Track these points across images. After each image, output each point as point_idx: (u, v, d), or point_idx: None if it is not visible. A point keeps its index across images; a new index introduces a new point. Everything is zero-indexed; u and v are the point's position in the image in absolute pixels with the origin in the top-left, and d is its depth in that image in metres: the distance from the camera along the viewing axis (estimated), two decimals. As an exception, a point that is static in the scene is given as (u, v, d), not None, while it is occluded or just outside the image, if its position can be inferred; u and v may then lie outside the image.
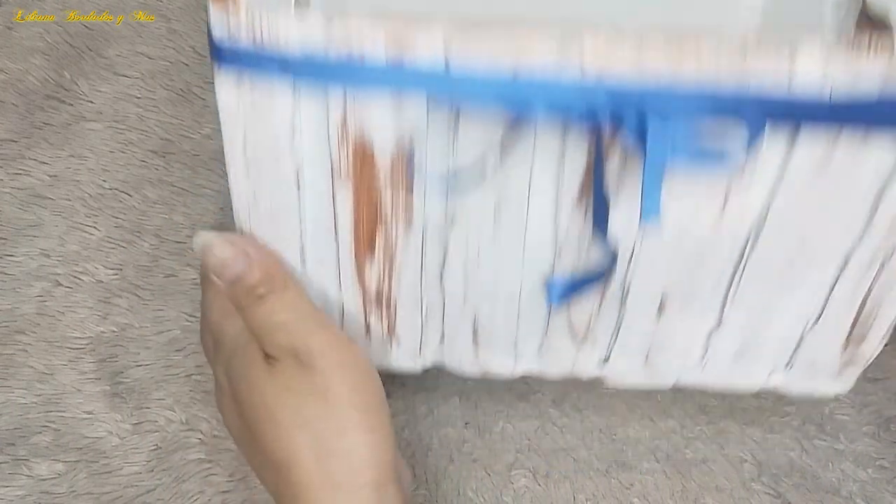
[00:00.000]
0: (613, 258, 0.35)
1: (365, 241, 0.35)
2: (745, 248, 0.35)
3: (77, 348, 0.47)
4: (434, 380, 0.46)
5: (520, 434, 0.46)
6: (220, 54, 0.30)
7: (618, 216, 0.33)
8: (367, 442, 0.32)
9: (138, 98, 0.47)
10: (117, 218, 0.47)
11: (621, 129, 0.30)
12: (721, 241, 0.34)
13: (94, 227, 0.47)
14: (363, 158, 0.32)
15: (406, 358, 0.40)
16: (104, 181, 0.47)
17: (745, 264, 0.35)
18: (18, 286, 0.47)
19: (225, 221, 0.47)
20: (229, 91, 0.31)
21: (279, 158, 0.33)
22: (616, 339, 0.38)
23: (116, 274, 0.47)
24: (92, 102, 0.47)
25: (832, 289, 0.36)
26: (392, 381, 0.46)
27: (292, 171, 0.33)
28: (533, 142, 0.32)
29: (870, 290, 0.36)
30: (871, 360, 0.38)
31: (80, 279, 0.47)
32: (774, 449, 0.45)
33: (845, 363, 0.38)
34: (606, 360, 0.39)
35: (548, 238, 0.35)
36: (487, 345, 0.39)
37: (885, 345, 0.44)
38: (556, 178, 0.33)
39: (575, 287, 0.36)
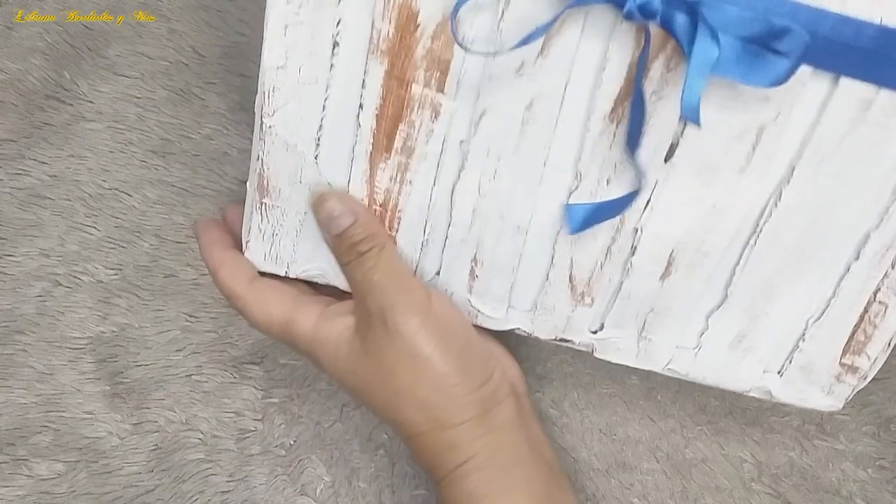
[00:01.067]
0: (641, 178, 0.34)
1: (385, 134, 0.35)
2: (766, 206, 0.34)
3: (77, 348, 0.47)
4: (434, 380, 0.46)
5: (520, 434, 0.46)
6: None
7: (647, 142, 0.33)
8: (461, 390, 0.35)
9: (138, 98, 0.47)
10: (117, 218, 0.47)
11: (672, 19, 0.30)
12: (743, 193, 0.34)
13: (94, 227, 0.47)
14: (405, 30, 0.32)
15: None
16: (104, 181, 0.47)
17: (762, 229, 0.35)
18: (18, 286, 0.47)
19: (225, 221, 0.47)
20: None
21: (320, 21, 0.33)
22: (615, 301, 0.37)
23: (116, 274, 0.47)
24: (92, 102, 0.47)
25: (841, 279, 0.35)
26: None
27: (329, 38, 0.33)
28: (581, 28, 0.31)
29: (877, 289, 0.35)
30: (861, 384, 0.38)
31: (80, 279, 0.47)
32: (774, 449, 0.45)
33: (840, 375, 0.38)
34: (601, 328, 0.38)
35: (571, 156, 0.34)
36: (483, 286, 0.38)
37: (885, 345, 0.44)
38: (594, 80, 0.32)
39: (596, 214, 0.35)
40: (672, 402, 0.46)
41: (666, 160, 0.34)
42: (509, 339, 0.41)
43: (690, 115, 0.30)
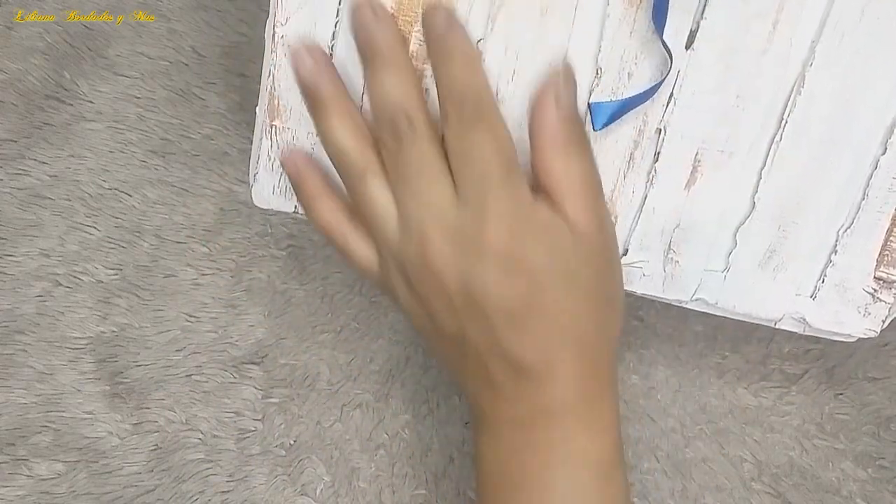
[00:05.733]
0: (669, 61, 0.33)
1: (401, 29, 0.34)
2: (791, 94, 0.34)
3: (77, 348, 0.47)
4: (434, 379, 0.46)
5: (520, 434, 0.46)
6: None
7: (668, 28, 0.33)
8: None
9: (138, 98, 0.47)
10: (117, 218, 0.47)
11: None
12: (766, 78, 0.33)
13: (94, 227, 0.47)
14: None
15: None
16: (104, 181, 0.47)
17: (787, 121, 0.34)
18: (18, 286, 0.47)
19: (225, 221, 0.47)
20: None
21: None
22: (639, 217, 0.36)
23: (116, 274, 0.47)
24: (92, 102, 0.47)
25: (870, 178, 0.34)
26: (392, 381, 0.46)
27: None
28: None
29: None
30: None
31: (80, 279, 0.47)
32: (774, 449, 0.45)
33: (875, 291, 0.36)
34: (625, 252, 0.37)
35: (591, 49, 0.34)
36: None
37: (885, 344, 0.44)
38: None
39: (622, 107, 0.34)
40: (672, 401, 0.46)
41: (687, 47, 0.33)
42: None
43: None
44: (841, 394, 0.45)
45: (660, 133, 0.35)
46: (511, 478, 0.34)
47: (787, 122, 0.34)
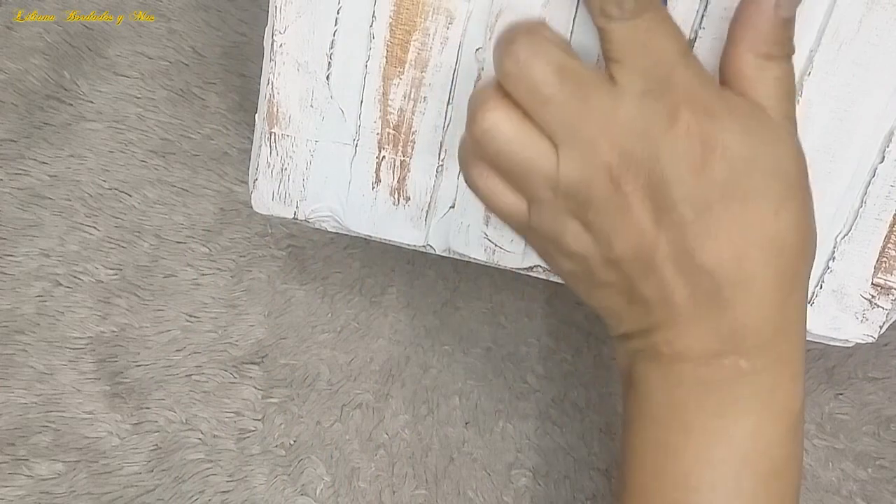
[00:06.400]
0: None
1: (399, 45, 0.34)
2: None
3: (77, 348, 0.47)
4: (434, 379, 0.46)
5: (520, 434, 0.46)
6: None
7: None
8: None
9: (138, 98, 0.47)
10: (117, 218, 0.47)
11: None
12: None
13: (94, 227, 0.47)
14: None
15: (410, 224, 0.37)
16: (104, 181, 0.47)
17: None
18: (18, 286, 0.47)
19: (225, 221, 0.47)
20: None
21: None
22: None
23: (116, 274, 0.47)
24: (92, 102, 0.47)
25: (868, 185, 0.35)
26: (392, 381, 0.46)
27: None
28: None
29: None
30: (895, 312, 0.36)
31: (80, 279, 0.47)
32: (774, 448, 0.45)
33: (873, 298, 0.36)
34: None
35: (591, 59, 0.34)
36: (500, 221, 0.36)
37: (885, 344, 0.44)
38: None
39: None
40: (672, 401, 0.46)
41: None
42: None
43: None
44: (841, 394, 0.45)
45: None
46: (682, 421, 0.30)
47: None
